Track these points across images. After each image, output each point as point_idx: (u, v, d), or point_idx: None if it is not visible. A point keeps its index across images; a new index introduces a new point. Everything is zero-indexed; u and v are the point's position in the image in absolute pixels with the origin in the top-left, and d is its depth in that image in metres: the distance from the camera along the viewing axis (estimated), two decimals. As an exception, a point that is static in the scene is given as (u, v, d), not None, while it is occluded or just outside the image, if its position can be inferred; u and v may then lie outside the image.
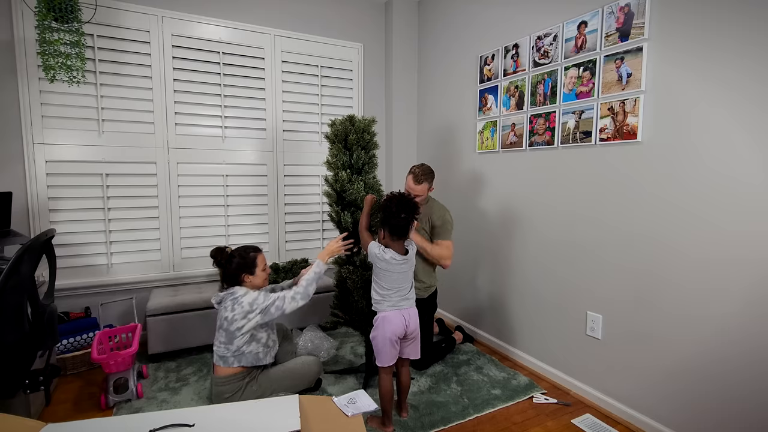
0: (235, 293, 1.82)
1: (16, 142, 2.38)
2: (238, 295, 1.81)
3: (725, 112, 1.54)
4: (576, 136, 2.08)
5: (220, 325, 1.84)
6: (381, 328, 1.79)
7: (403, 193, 1.79)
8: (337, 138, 2.14)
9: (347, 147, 2.13)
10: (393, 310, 1.79)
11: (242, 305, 1.78)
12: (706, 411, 1.62)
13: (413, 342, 1.87)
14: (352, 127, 2.12)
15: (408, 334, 1.83)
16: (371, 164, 2.15)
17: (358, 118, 2.16)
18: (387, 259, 1.75)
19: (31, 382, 1.53)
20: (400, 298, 1.81)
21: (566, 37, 2.11)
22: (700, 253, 1.63)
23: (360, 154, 2.09)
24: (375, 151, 2.18)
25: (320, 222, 3.27)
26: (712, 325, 1.60)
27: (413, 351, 1.89)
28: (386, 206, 1.76)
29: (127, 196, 2.65)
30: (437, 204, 2.34)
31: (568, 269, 2.18)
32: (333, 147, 2.15)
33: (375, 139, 2.18)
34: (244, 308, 1.78)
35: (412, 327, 1.83)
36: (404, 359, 1.89)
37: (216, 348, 1.86)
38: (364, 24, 3.35)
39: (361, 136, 2.11)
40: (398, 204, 1.74)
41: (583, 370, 2.13)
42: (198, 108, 2.80)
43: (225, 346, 1.83)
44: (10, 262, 1.34)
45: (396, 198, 1.76)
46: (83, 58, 2.32)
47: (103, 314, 2.57)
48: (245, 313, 1.79)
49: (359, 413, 1.20)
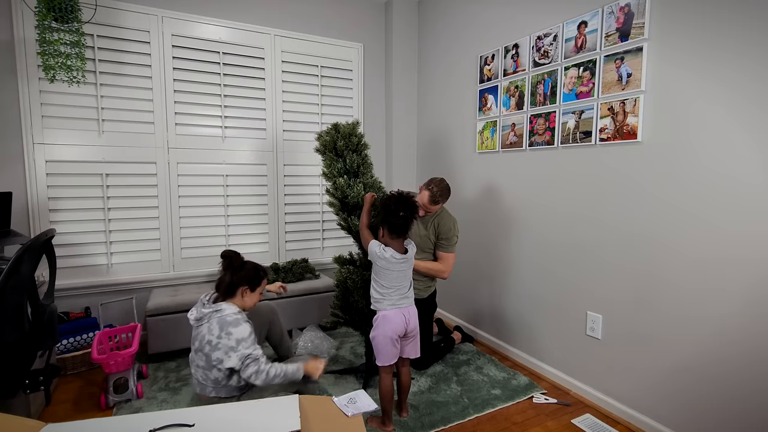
0: (222, 312, 1.59)
1: (16, 142, 2.38)
2: (228, 319, 1.57)
3: (725, 112, 1.54)
4: (576, 136, 2.08)
5: (200, 347, 1.60)
6: (381, 327, 1.78)
7: (403, 192, 1.80)
8: (327, 148, 2.16)
9: (338, 154, 2.15)
10: (393, 309, 1.79)
11: (230, 336, 1.55)
12: (706, 411, 1.62)
13: (413, 341, 1.87)
14: (338, 134, 2.15)
15: (408, 333, 1.83)
16: (366, 165, 2.17)
17: (342, 124, 2.18)
18: (387, 257, 1.75)
19: (31, 382, 1.53)
20: (400, 296, 1.81)
21: (566, 37, 2.11)
22: (699, 253, 1.63)
23: (352, 157, 2.11)
24: (366, 152, 2.20)
25: (320, 222, 3.27)
26: (711, 325, 1.60)
27: (413, 350, 1.89)
28: (386, 204, 1.77)
29: (127, 196, 2.65)
30: (447, 214, 2.33)
31: (568, 269, 2.18)
32: (325, 158, 2.17)
33: (364, 141, 2.20)
34: (230, 343, 1.54)
35: (411, 325, 1.83)
36: (404, 359, 1.89)
37: (194, 371, 1.64)
38: (364, 24, 3.35)
39: (349, 140, 2.14)
40: (397, 202, 1.75)
41: (583, 370, 2.13)
42: (198, 108, 2.80)
43: (203, 372, 1.60)
44: (10, 262, 1.34)
45: (395, 197, 1.77)
46: (83, 58, 2.32)
47: (103, 314, 2.56)
48: (228, 349, 1.55)
49: (359, 413, 1.20)
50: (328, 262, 3.16)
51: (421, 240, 2.29)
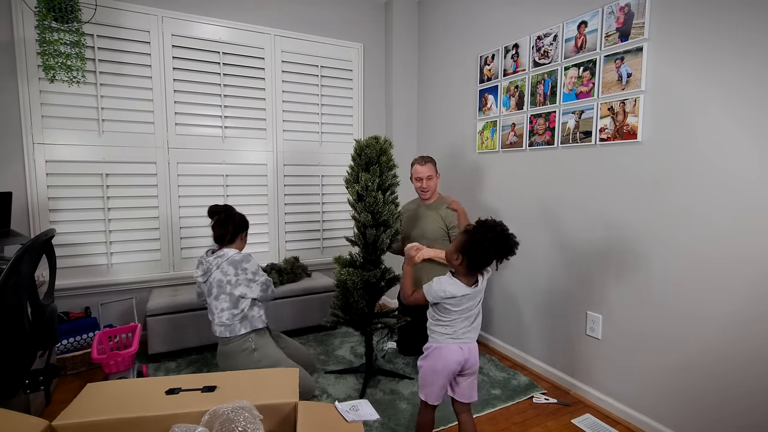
0: (228, 254, 1.83)
1: (16, 142, 2.38)
2: (237, 257, 1.81)
3: (724, 113, 1.54)
4: (576, 136, 2.08)
5: (220, 292, 1.85)
6: (431, 360, 1.48)
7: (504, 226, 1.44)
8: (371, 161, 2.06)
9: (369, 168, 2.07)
10: (452, 343, 1.46)
11: (246, 271, 1.80)
12: (706, 410, 1.62)
13: (471, 378, 1.53)
14: (377, 146, 2.07)
15: (465, 371, 1.50)
16: (393, 183, 2.12)
17: (381, 139, 2.11)
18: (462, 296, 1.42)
19: (31, 382, 1.53)
20: (466, 328, 1.47)
21: (566, 37, 2.11)
22: (699, 252, 1.63)
23: (387, 174, 2.07)
24: (396, 170, 2.15)
25: (320, 222, 3.27)
26: (712, 324, 1.60)
27: (471, 391, 1.53)
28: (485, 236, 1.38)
29: (127, 196, 2.65)
30: (447, 201, 2.36)
31: (568, 269, 2.18)
32: (356, 167, 2.09)
33: (393, 159, 2.14)
34: (248, 275, 1.82)
35: (471, 362, 1.49)
36: (464, 404, 1.53)
37: (218, 318, 1.88)
38: (364, 24, 3.35)
39: (384, 155, 2.08)
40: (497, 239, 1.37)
41: (583, 370, 2.13)
42: (198, 108, 2.80)
43: (229, 312, 1.86)
44: (10, 262, 1.34)
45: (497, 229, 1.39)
46: (83, 58, 2.32)
47: (103, 314, 2.56)
48: (249, 281, 1.83)
49: (360, 421, 1.19)
50: (329, 262, 3.16)
51: (436, 230, 2.36)
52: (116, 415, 1.13)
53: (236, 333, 1.89)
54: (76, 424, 1.10)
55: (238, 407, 1.05)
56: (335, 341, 2.76)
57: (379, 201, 2.04)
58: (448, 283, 1.43)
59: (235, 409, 1.04)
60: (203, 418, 1.07)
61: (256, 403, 1.12)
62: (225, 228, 1.94)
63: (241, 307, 1.88)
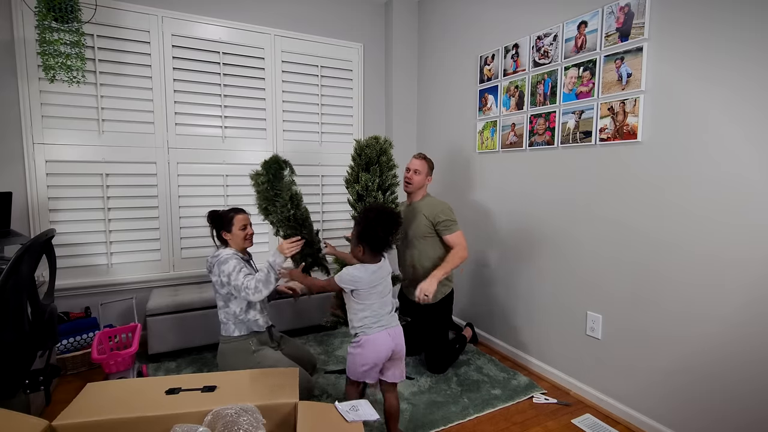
0: (219, 256, 1.90)
1: (16, 142, 2.38)
2: (222, 259, 1.88)
3: (724, 113, 1.54)
4: (576, 136, 2.08)
5: (214, 291, 1.96)
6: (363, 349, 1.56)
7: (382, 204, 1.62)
8: (371, 161, 2.07)
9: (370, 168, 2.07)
10: (381, 331, 1.56)
11: (223, 273, 1.85)
12: (706, 410, 1.62)
13: (399, 362, 1.64)
14: (380, 147, 2.07)
15: (394, 356, 1.60)
16: (393, 183, 2.12)
17: (381, 139, 2.11)
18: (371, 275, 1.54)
19: (31, 382, 1.53)
20: (386, 308, 1.60)
21: (566, 37, 2.11)
22: (699, 252, 1.63)
23: (387, 174, 2.08)
24: (396, 171, 2.15)
25: (320, 222, 3.27)
26: (711, 324, 1.60)
27: (399, 373, 1.64)
28: (368, 220, 1.51)
29: (127, 196, 2.65)
30: (435, 200, 2.36)
31: (568, 269, 2.18)
32: (356, 167, 2.09)
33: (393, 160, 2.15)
34: (222, 279, 1.86)
35: (399, 347, 1.60)
36: (390, 383, 1.64)
37: (219, 314, 1.97)
38: (364, 24, 3.35)
39: (385, 155, 2.09)
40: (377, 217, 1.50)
41: (583, 370, 2.13)
42: (198, 108, 2.80)
43: (223, 311, 1.94)
44: (10, 262, 1.34)
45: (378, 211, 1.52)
46: (83, 58, 2.32)
47: (103, 314, 2.56)
48: (223, 284, 1.88)
49: (360, 421, 1.19)
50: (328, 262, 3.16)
51: (417, 228, 2.31)
52: (116, 415, 1.14)
53: (230, 333, 1.93)
54: (76, 424, 1.10)
55: (242, 410, 1.05)
56: (335, 341, 2.76)
57: (379, 201, 2.04)
58: (355, 268, 1.56)
59: (238, 411, 1.04)
60: (206, 418, 1.07)
61: (256, 403, 1.12)
62: (211, 231, 2.02)
63: (232, 306, 1.92)
